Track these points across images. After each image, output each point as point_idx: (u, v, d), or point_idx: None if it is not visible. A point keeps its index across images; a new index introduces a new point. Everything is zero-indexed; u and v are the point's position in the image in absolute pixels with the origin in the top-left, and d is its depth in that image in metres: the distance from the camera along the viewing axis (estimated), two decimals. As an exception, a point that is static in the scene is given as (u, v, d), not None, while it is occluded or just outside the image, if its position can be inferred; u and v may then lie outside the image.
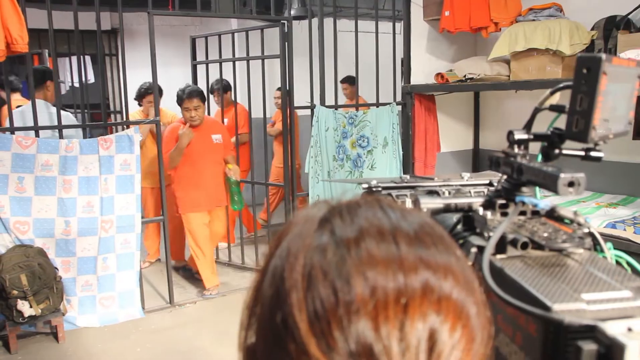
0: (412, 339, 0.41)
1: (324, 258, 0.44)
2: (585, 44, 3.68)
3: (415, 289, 0.42)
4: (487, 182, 0.93)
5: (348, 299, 0.42)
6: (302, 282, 0.44)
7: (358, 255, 0.44)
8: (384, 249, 0.44)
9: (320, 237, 0.47)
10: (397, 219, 0.48)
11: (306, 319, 0.42)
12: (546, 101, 0.78)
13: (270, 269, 0.48)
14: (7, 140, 3.54)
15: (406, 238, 0.46)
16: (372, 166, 4.67)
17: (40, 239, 3.70)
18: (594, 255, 0.66)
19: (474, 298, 0.46)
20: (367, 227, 0.46)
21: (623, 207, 3.57)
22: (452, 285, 0.44)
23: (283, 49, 4.44)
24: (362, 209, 0.49)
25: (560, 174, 0.62)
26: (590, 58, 0.62)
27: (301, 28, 5.27)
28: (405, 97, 4.69)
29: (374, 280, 0.42)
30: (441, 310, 0.43)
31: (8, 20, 2.93)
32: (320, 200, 0.53)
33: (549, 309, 0.51)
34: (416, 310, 0.42)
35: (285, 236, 0.50)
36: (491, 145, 4.96)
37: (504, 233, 0.65)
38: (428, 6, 4.58)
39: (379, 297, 0.42)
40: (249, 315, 0.50)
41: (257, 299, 0.49)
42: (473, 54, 4.82)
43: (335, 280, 0.43)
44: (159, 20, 6.62)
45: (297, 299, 0.43)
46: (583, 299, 0.52)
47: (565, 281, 0.57)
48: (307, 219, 0.50)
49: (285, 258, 0.47)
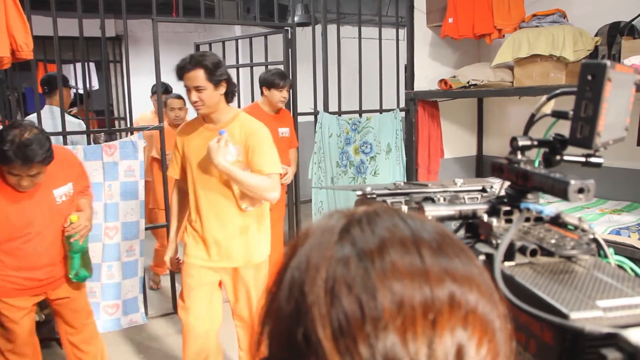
0: (440, 356, 0.40)
1: (348, 271, 0.43)
2: (589, 50, 3.68)
3: (442, 302, 0.41)
4: (479, 188, 0.93)
5: (375, 314, 0.40)
6: (324, 297, 0.42)
7: (382, 268, 0.42)
8: (408, 260, 0.43)
9: (342, 249, 0.45)
10: (418, 229, 0.47)
11: (330, 336, 0.40)
12: (542, 107, 0.79)
13: (287, 282, 0.46)
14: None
15: (429, 249, 0.45)
16: (375, 172, 4.67)
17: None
18: (598, 261, 0.66)
19: (498, 311, 0.45)
20: (389, 237, 0.45)
21: (627, 213, 3.55)
22: (477, 297, 0.43)
23: (286, 56, 4.45)
24: (381, 218, 0.48)
25: (571, 181, 0.62)
26: (595, 65, 0.62)
27: (305, 35, 5.29)
28: (409, 104, 4.69)
29: (400, 293, 0.41)
30: (468, 325, 0.42)
31: (13, 27, 2.94)
32: (336, 210, 0.51)
33: (566, 317, 0.51)
34: (445, 326, 0.41)
35: (300, 247, 0.48)
36: (494, 152, 4.96)
37: (511, 240, 0.65)
38: (431, 13, 4.59)
39: (406, 311, 0.40)
40: (262, 329, 0.48)
41: (270, 313, 0.47)
42: (476, 60, 4.82)
43: (361, 294, 0.41)
44: (163, 27, 6.65)
45: (320, 315, 0.41)
46: (599, 307, 0.52)
47: (577, 288, 0.56)
48: (326, 230, 0.48)
49: (305, 271, 0.45)
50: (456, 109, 4.90)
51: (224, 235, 2.60)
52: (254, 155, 2.50)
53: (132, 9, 4.37)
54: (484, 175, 4.92)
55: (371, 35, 4.76)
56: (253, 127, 2.56)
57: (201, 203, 2.61)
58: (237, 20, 4.88)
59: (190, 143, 2.63)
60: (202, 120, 2.63)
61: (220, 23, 5.29)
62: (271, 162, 2.52)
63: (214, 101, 2.49)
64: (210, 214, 2.60)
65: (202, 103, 2.47)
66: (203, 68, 2.42)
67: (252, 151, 2.51)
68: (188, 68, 2.44)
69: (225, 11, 4.88)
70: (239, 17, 4.93)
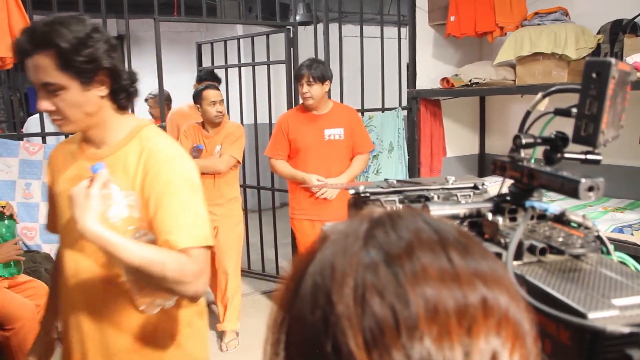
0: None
1: (377, 277, 0.41)
2: (591, 48, 3.67)
3: (476, 308, 0.40)
4: (471, 185, 0.93)
5: (410, 322, 0.39)
6: (355, 307, 0.40)
7: (413, 272, 0.41)
8: (437, 263, 0.42)
9: (368, 254, 0.43)
10: (442, 230, 0.45)
11: (363, 346, 0.39)
12: (538, 104, 0.79)
13: (308, 289, 0.44)
14: (15, 147, 3.56)
15: (456, 250, 0.43)
16: (377, 171, 4.66)
17: (47, 244, 3.71)
18: (602, 258, 0.66)
19: (526, 314, 0.44)
20: (415, 240, 0.44)
21: (630, 211, 3.55)
22: (508, 301, 0.42)
23: (288, 55, 4.45)
24: (404, 220, 0.46)
25: (581, 179, 0.62)
26: (600, 62, 0.62)
27: (306, 34, 5.29)
28: (411, 102, 4.69)
29: (434, 299, 0.40)
30: (501, 330, 0.40)
31: (15, 27, 2.95)
32: (354, 213, 0.50)
33: (584, 317, 0.51)
34: (480, 332, 0.39)
35: (319, 252, 0.46)
36: (497, 150, 4.95)
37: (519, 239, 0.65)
38: (433, 11, 4.59)
39: (441, 318, 0.39)
40: (277, 342, 0.46)
41: (288, 323, 0.45)
42: (478, 58, 4.82)
43: (393, 301, 0.39)
44: (164, 26, 6.64)
45: (351, 325, 0.39)
46: (615, 305, 0.52)
47: (589, 286, 0.56)
48: (349, 234, 0.46)
49: (331, 279, 0.42)
50: (458, 108, 4.89)
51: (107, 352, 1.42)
52: (159, 210, 1.33)
53: (133, 9, 4.36)
54: (486, 173, 4.91)
55: (373, 34, 4.76)
56: (163, 152, 1.40)
57: (69, 285, 1.45)
58: (239, 19, 4.88)
59: (60, 176, 1.50)
60: (80, 141, 1.50)
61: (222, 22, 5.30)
62: (190, 225, 1.33)
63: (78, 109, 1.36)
64: (82, 309, 1.43)
65: (60, 116, 1.36)
66: (54, 49, 1.29)
67: (155, 202, 1.34)
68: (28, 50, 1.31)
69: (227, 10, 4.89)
70: (241, 17, 4.94)
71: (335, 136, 3.68)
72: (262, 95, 4.73)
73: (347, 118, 3.74)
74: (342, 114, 3.77)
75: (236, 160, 3.76)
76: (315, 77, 3.57)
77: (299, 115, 3.75)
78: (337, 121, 3.71)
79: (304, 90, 3.61)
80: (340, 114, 3.76)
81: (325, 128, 3.68)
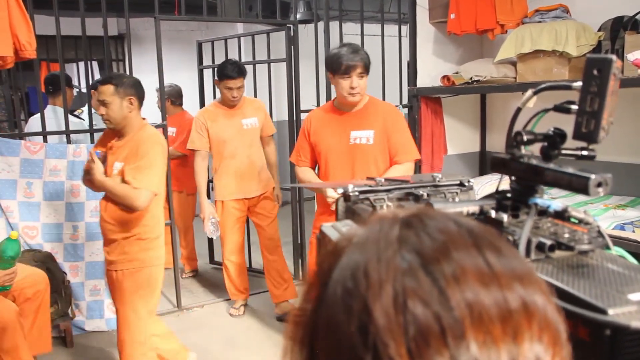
0: None
1: (417, 283, 0.39)
2: (592, 45, 3.66)
3: (518, 312, 0.39)
4: (457, 182, 0.93)
5: (457, 330, 0.37)
6: (396, 316, 0.38)
7: (453, 275, 0.39)
8: (474, 264, 0.40)
9: (404, 259, 0.41)
10: (473, 229, 0.44)
11: (407, 356, 0.37)
12: (528, 101, 0.79)
13: (338, 298, 0.41)
14: (16, 146, 3.57)
15: (490, 249, 0.42)
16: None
17: (48, 243, 3.72)
18: (604, 252, 0.66)
19: (559, 315, 0.42)
20: (449, 240, 0.42)
21: (632, 208, 3.54)
22: (544, 301, 0.41)
23: (289, 53, 4.45)
24: (433, 220, 0.44)
25: (591, 176, 0.62)
26: (601, 59, 0.62)
27: (307, 32, 5.29)
28: (412, 100, 4.68)
29: (476, 302, 0.38)
30: (543, 335, 0.39)
31: (16, 26, 2.95)
32: (377, 214, 0.48)
33: (604, 313, 0.51)
34: (525, 339, 0.38)
35: (344, 256, 0.43)
36: (498, 148, 4.94)
37: None
38: (434, 9, 4.58)
39: (486, 324, 0.37)
40: (300, 351, 0.44)
41: (312, 332, 0.43)
42: (479, 56, 4.81)
43: (436, 307, 0.38)
44: (165, 25, 6.64)
45: (393, 335, 0.37)
46: (632, 301, 0.52)
47: (601, 282, 0.56)
48: (379, 238, 0.43)
49: (366, 286, 0.40)
50: (459, 105, 4.89)
51: None
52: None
53: (134, 8, 4.37)
54: (487, 171, 4.91)
55: (373, 32, 4.75)
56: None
57: None
58: (240, 18, 4.88)
59: None
60: None
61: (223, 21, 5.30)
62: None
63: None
64: None
65: None
66: None
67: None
68: None
69: (227, 9, 4.88)
70: (241, 15, 4.94)
71: (362, 140, 2.96)
72: (262, 93, 4.73)
73: (382, 118, 3.00)
74: (377, 112, 3.03)
75: None
76: (368, 66, 2.96)
77: (326, 114, 3.10)
78: (369, 122, 2.98)
79: (353, 84, 2.89)
80: (375, 112, 3.02)
81: (352, 129, 2.97)
